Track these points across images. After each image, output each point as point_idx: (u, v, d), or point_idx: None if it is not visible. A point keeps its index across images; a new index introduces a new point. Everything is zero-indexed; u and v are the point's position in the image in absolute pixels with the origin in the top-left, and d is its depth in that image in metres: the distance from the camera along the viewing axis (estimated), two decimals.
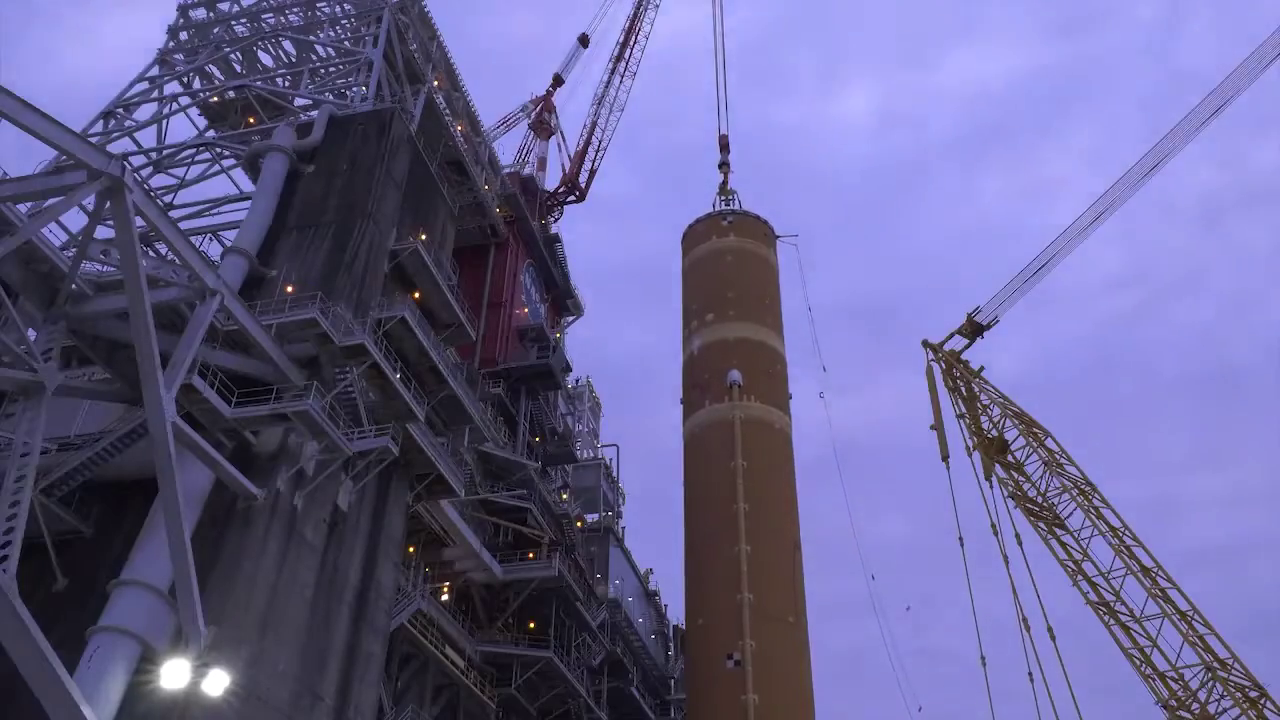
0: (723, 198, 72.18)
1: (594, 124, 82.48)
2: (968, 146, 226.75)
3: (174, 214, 42.85)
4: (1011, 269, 43.58)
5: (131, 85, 48.37)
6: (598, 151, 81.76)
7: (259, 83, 48.37)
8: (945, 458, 46.48)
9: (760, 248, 63.27)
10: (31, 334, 26.85)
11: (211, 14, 53.41)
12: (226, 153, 45.35)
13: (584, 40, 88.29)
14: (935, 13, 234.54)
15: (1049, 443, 43.33)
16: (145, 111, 47.70)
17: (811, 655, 46.88)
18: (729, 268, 61.14)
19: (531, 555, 49.21)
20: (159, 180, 45.48)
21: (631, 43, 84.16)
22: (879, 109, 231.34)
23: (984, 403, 45.46)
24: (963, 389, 46.18)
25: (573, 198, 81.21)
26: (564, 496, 61.88)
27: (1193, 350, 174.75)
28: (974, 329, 47.22)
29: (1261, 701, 35.94)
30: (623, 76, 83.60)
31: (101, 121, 46.10)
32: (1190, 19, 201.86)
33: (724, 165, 75.45)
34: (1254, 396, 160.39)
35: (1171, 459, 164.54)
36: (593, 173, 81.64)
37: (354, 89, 46.69)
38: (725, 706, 43.49)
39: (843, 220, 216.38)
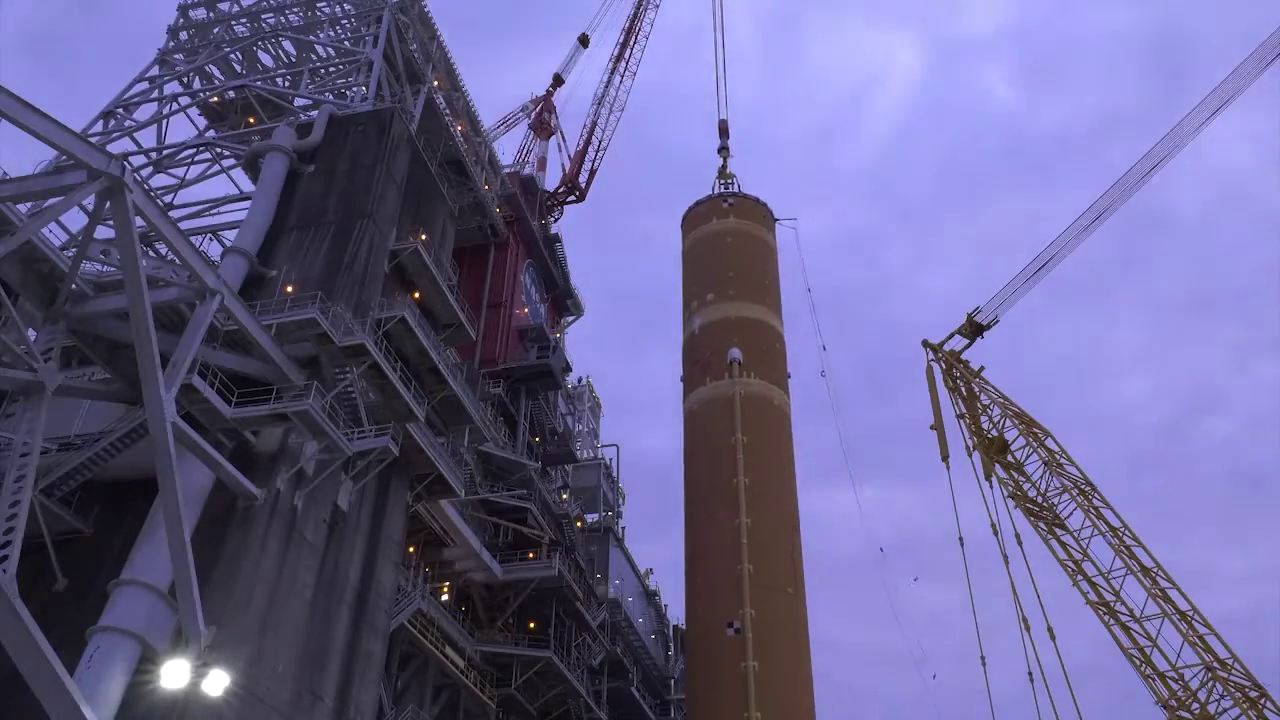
0: (722, 181, 73.48)
1: (594, 124, 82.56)
2: None
3: (174, 214, 42.82)
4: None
5: (131, 85, 48.38)
6: (598, 151, 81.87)
7: (259, 83, 48.36)
8: (945, 458, 46.50)
9: (759, 230, 64.59)
10: (31, 334, 26.86)
11: (211, 14, 53.41)
12: (226, 153, 45.34)
13: (584, 40, 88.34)
14: None
15: (1049, 443, 43.33)
16: (145, 111, 47.71)
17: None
18: (729, 249, 62.46)
19: (531, 555, 49.22)
20: (159, 180, 45.49)
21: (631, 42, 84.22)
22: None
23: (984, 403, 45.46)
24: (963, 389, 46.19)
25: (573, 198, 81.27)
26: (564, 496, 61.89)
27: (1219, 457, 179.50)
28: (974, 329, 47.23)
29: (1261, 701, 35.94)
30: (623, 76, 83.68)
31: (101, 121, 46.10)
32: None
33: (723, 150, 77.16)
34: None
35: (1198, 539, 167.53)
36: (593, 173, 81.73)
37: (354, 89, 46.70)
38: (726, 673, 44.23)
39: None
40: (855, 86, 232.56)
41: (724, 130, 78.66)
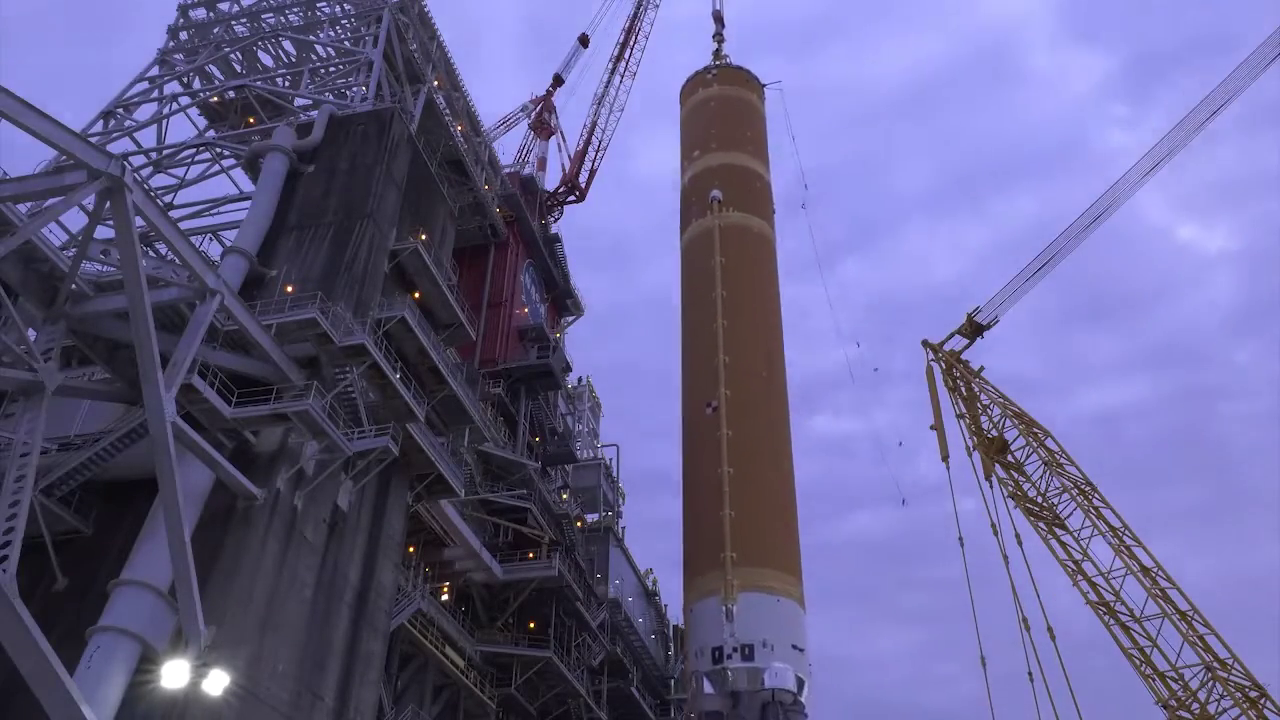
0: (716, 61, 77.61)
1: (594, 124, 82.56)
2: None
3: (174, 214, 42.84)
4: None
5: (131, 85, 48.38)
6: (598, 151, 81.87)
7: (259, 83, 48.36)
8: (945, 458, 46.52)
9: (742, 92, 70.53)
10: (31, 334, 26.86)
11: (211, 14, 53.42)
12: (226, 153, 45.33)
13: (584, 40, 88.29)
14: None
15: (1049, 443, 43.35)
16: (145, 111, 47.73)
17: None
18: (713, 111, 68.81)
19: (531, 555, 49.22)
20: (159, 180, 45.49)
21: (631, 43, 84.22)
22: None
23: (984, 403, 45.48)
24: (963, 389, 46.21)
25: (573, 198, 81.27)
26: (564, 496, 61.88)
27: None
28: (974, 329, 47.27)
29: (1261, 701, 35.95)
30: (623, 76, 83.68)
31: (101, 121, 46.11)
32: None
33: (718, 35, 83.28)
34: None
35: None
36: (593, 173, 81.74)
37: (354, 89, 46.70)
38: (705, 440, 49.23)
39: None
40: None
41: (719, 19, 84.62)
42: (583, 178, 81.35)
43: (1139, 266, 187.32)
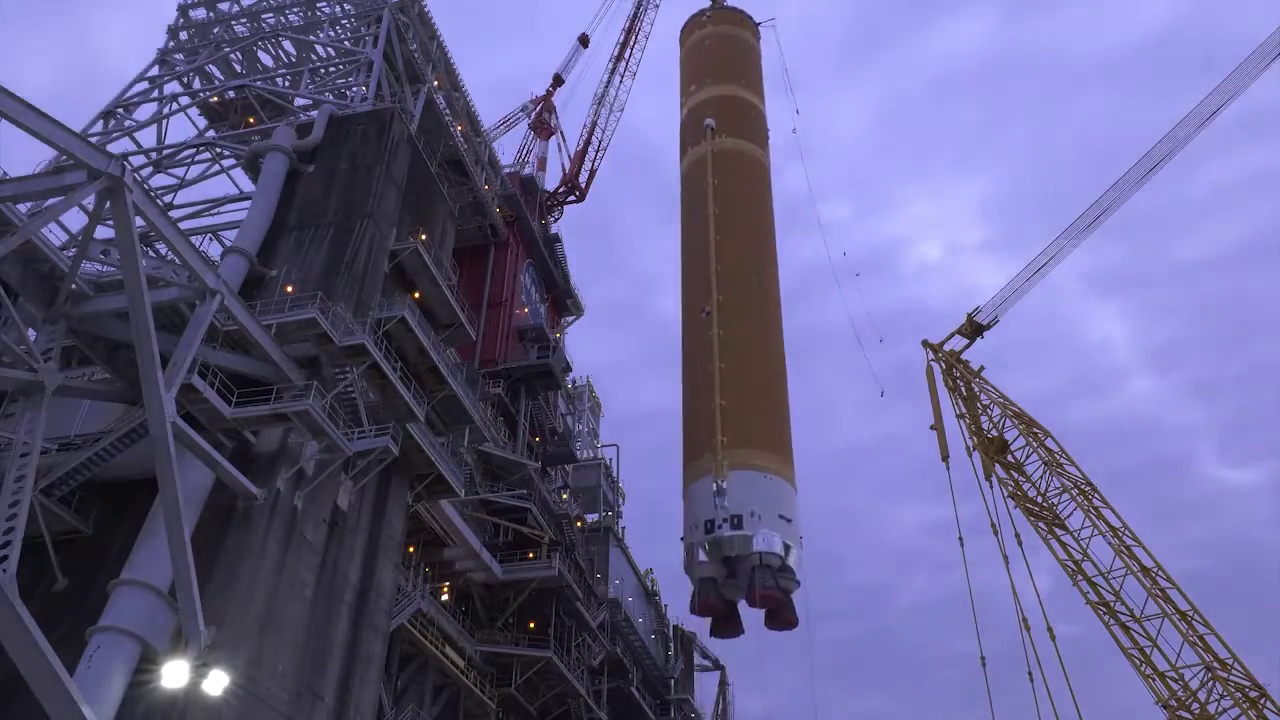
0: (713, 5, 78.07)
1: (594, 124, 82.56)
2: None
3: (174, 214, 42.84)
4: None
5: (131, 85, 48.39)
6: (598, 151, 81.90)
7: (259, 83, 48.37)
8: (945, 458, 46.51)
9: (735, 30, 73.28)
10: (31, 334, 26.86)
11: (211, 14, 53.43)
12: (226, 153, 45.35)
13: (584, 40, 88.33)
14: None
15: (1049, 443, 43.36)
16: (145, 111, 47.75)
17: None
18: (708, 49, 71.97)
19: (531, 555, 49.22)
20: (159, 180, 45.51)
21: (631, 43, 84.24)
22: None
23: (984, 403, 45.49)
24: (963, 389, 46.22)
25: (573, 198, 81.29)
26: (564, 496, 61.89)
27: None
28: (974, 329, 47.28)
29: (1261, 701, 35.96)
30: (622, 76, 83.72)
31: (101, 121, 46.13)
32: None
33: None
34: None
35: None
36: (593, 173, 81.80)
37: (354, 89, 46.70)
38: (700, 341, 52.91)
39: None
40: None
41: None
42: (582, 178, 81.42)
43: None
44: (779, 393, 53.50)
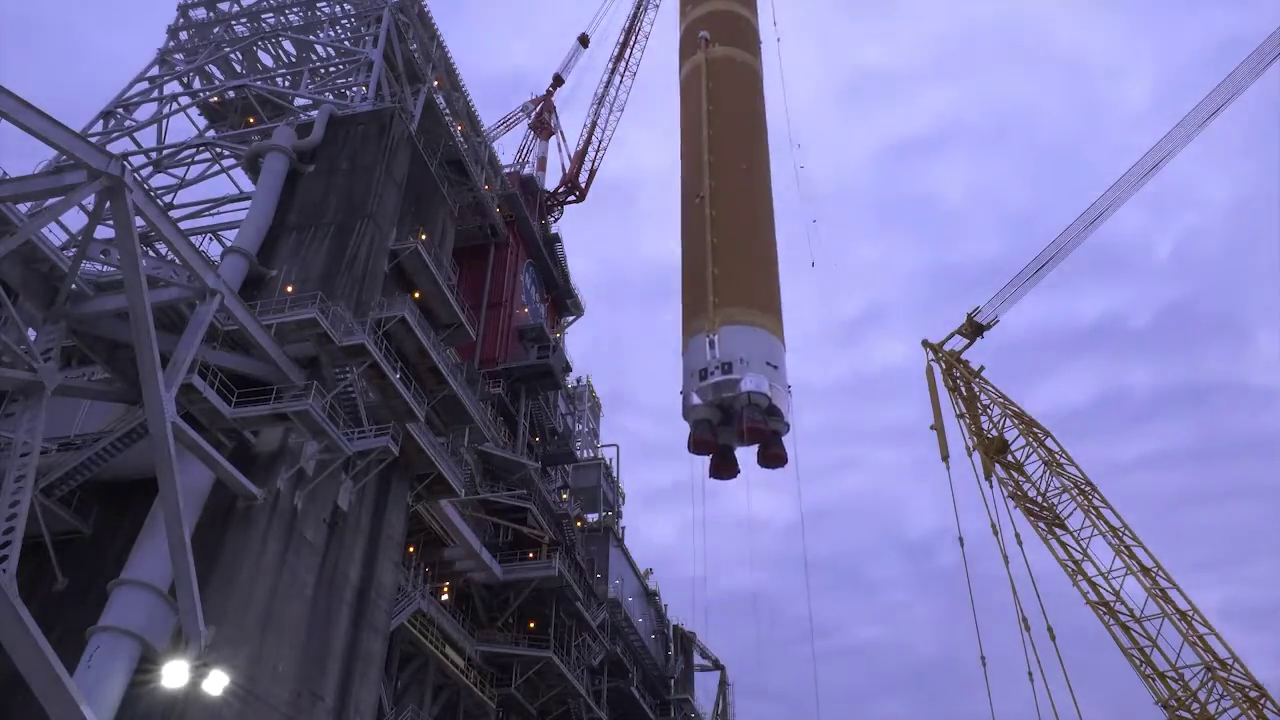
0: None
1: (594, 123, 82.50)
2: None
3: (174, 214, 42.85)
4: None
5: (131, 85, 48.38)
6: (598, 151, 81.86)
7: (259, 83, 48.36)
8: (945, 458, 46.47)
9: None
10: (31, 334, 26.85)
11: (211, 14, 53.42)
12: (226, 153, 45.36)
13: (584, 40, 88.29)
14: None
15: (1049, 443, 43.34)
16: (145, 111, 47.73)
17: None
18: None
19: (531, 555, 49.22)
20: (159, 180, 45.51)
21: (631, 43, 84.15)
22: None
23: (984, 403, 45.46)
24: (963, 389, 46.19)
25: (573, 197, 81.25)
26: (564, 496, 61.89)
27: None
28: (974, 329, 47.24)
29: (1261, 701, 35.96)
30: (622, 76, 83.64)
31: (101, 121, 46.11)
32: None
33: None
34: None
35: None
36: (593, 172, 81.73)
37: (354, 89, 46.70)
38: (696, 222, 56.54)
39: None
40: None
41: None
42: (583, 177, 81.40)
43: None
44: (768, 263, 58.24)
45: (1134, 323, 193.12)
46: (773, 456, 48.96)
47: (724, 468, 51.43)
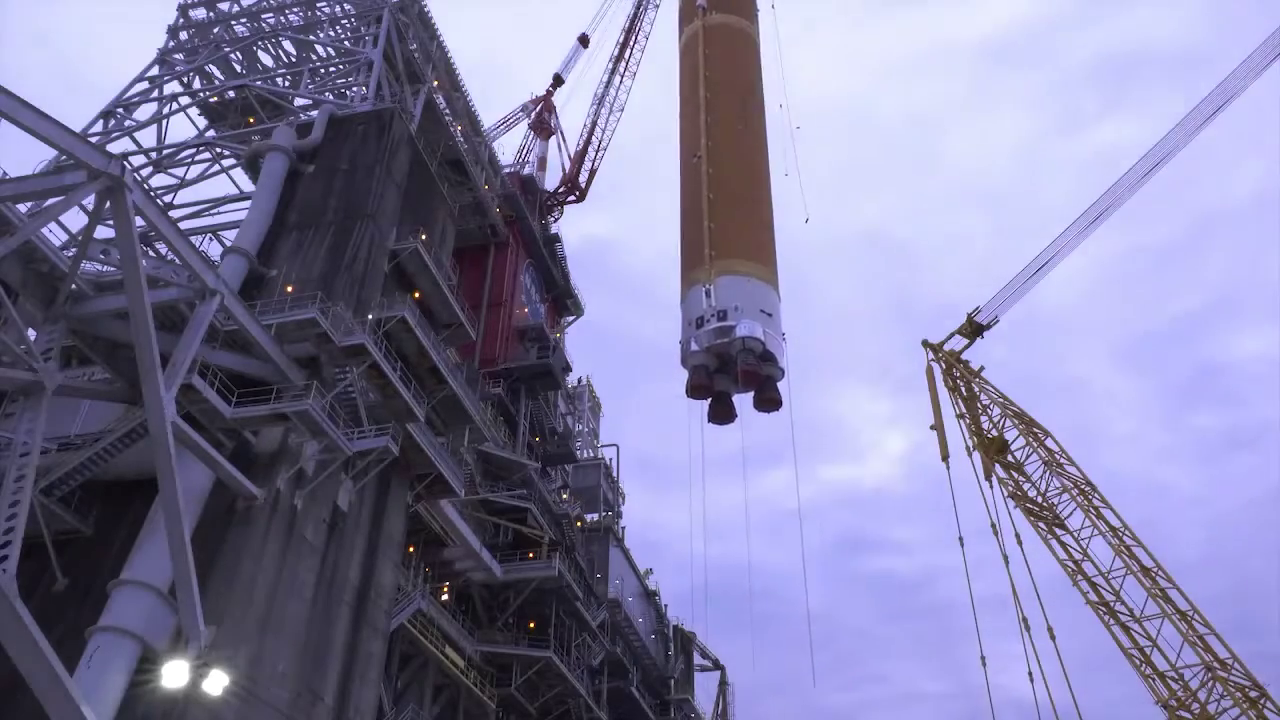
0: None
1: (594, 124, 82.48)
2: None
3: (174, 214, 42.88)
4: None
5: (131, 85, 48.38)
6: (597, 151, 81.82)
7: (259, 83, 48.37)
8: (945, 458, 46.42)
9: None
10: (31, 334, 26.86)
11: (211, 14, 53.45)
12: (226, 153, 45.39)
13: (584, 40, 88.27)
14: None
15: (1049, 443, 43.28)
16: (145, 111, 47.74)
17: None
18: None
19: (531, 555, 49.21)
20: (159, 180, 45.55)
21: (631, 43, 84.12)
22: None
23: (984, 403, 45.41)
24: (963, 389, 46.14)
25: (573, 198, 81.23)
26: (564, 496, 61.90)
27: None
28: (974, 329, 47.18)
29: (1261, 701, 35.92)
30: (623, 76, 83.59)
31: (101, 121, 46.12)
32: None
33: None
34: None
35: None
36: (593, 173, 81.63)
37: (354, 89, 46.71)
38: (693, 180, 58.04)
39: None
40: None
41: None
42: (583, 178, 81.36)
43: None
44: (764, 217, 59.89)
45: None
46: (768, 400, 50.70)
47: (721, 413, 53.02)
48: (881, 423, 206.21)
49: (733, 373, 49.01)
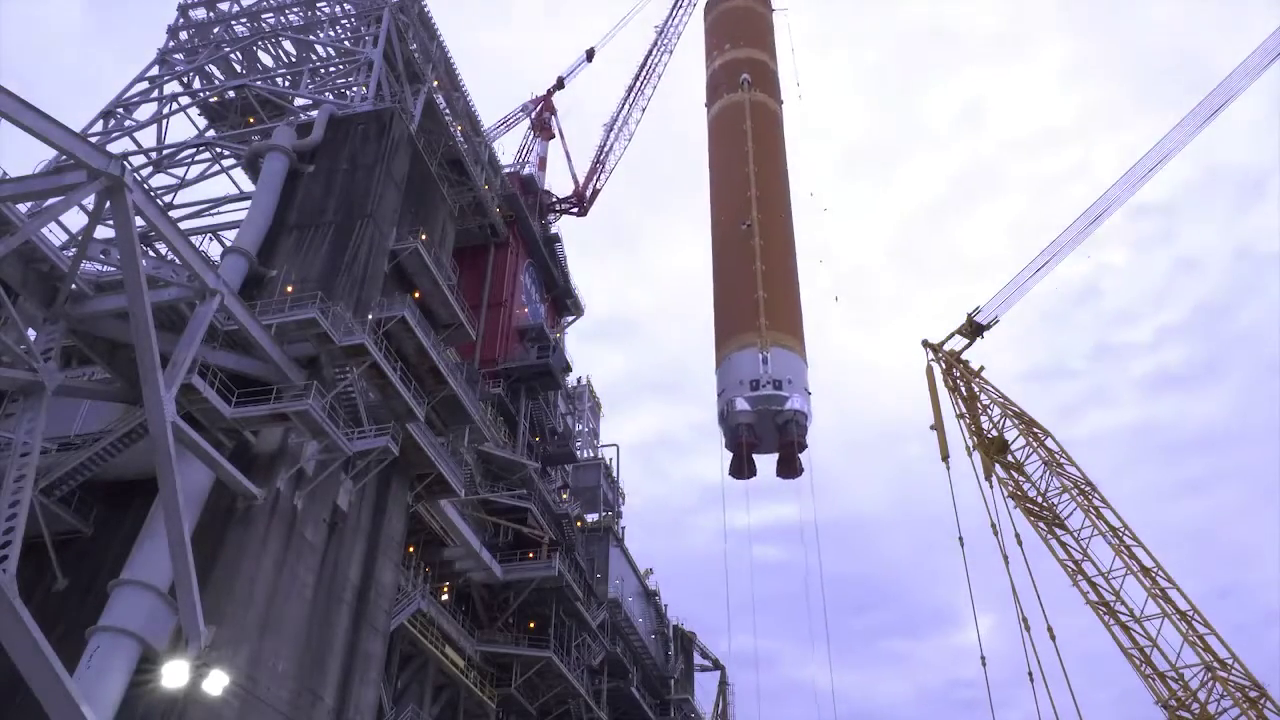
0: None
1: (602, 147, 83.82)
2: None
3: (174, 214, 42.87)
4: None
5: (131, 85, 48.37)
6: (602, 173, 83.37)
7: (259, 82, 48.36)
8: (945, 458, 46.43)
9: (755, 5, 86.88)
10: (31, 334, 26.86)
11: (211, 14, 53.43)
12: (226, 153, 45.37)
13: (590, 54, 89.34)
14: None
15: (1049, 443, 43.30)
16: (145, 111, 47.72)
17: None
18: (736, 18, 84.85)
19: (531, 555, 49.20)
20: (159, 180, 45.51)
21: (643, 78, 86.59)
22: None
23: (984, 403, 45.42)
24: (962, 389, 46.15)
25: (575, 210, 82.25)
26: (564, 496, 61.89)
27: None
28: (974, 329, 47.19)
29: (1261, 701, 35.93)
30: (631, 108, 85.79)
31: (101, 121, 46.11)
32: None
33: None
34: None
35: None
36: (596, 192, 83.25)
37: (354, 89, 46.71)
38: (738, 248, 64.07)
39: None
40: None
41: None
42: (587, 194, 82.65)
43: None
44: (796, 292, 65.35)
45: None
46: (792, 470, 55.84)
47: (744, 469, 57.27)
48: None
49: (777, 438, 54.42)
